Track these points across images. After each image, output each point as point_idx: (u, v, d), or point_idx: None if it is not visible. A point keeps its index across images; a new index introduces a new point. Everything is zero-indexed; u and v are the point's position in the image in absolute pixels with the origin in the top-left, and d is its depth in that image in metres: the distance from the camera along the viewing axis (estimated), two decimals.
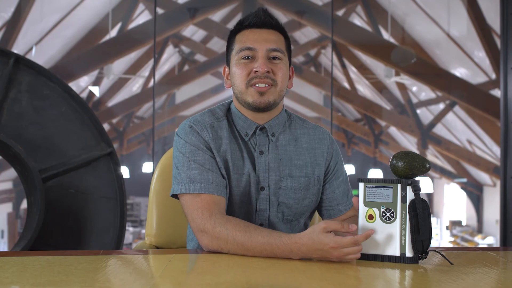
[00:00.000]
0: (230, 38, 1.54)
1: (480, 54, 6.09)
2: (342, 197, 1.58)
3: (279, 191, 1.50)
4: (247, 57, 1.48)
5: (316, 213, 1.72)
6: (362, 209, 1.27)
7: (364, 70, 7.99)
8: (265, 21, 1.49)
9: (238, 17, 7.49)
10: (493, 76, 6.05)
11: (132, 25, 6.67)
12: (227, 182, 1.47)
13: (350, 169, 8.82)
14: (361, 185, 1.28)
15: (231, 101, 1.57)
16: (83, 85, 7.56)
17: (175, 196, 1.47)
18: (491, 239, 9.34)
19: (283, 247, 1.27)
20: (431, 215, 1.30)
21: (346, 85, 8.30)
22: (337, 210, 1.58)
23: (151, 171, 7.03)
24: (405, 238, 1.24)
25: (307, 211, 1.57)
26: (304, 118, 1.63)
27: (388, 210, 1.25)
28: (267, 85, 1.46)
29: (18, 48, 5.77)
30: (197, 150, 1.45)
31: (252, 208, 1.49)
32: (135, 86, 8.78)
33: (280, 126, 1.53)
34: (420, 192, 1.26)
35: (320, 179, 1.55)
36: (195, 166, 1.44)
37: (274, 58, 1.48)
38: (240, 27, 1.51)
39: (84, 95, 7.49)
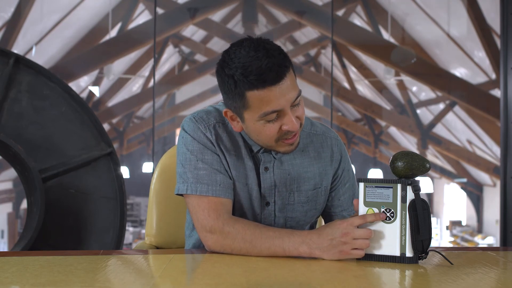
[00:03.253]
0: (234, 90, 1.30)
1: (480, 54, 6.10)
2: (347, 203, 1.54)
3: (287, 207, 1.46)
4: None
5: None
6: (362, 209, 1.27)
7: (364, 70, 8.00)
8: (281, 74, 1.28)
9: (238, 17, 7.51)
10: (493, 76, 6.05)
11: (132, 25, 6.68)
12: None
13: None
14: (361, 185, 1.28)
15: None
16: (83, 85, 7.56)
17: (180, 193, 1.42)
18: (491, 239, 9.35)
19: (295, 238, 1.26)
20: (431, 215, 1.30)
21: (346, 85, 8.30)
22: (341, 216, 1.53)
23: (151, 171, 7.03)
24: (405, 238, 1.24)
25: (312, 220, 1.54)
26: (314, 121, 1.55)
27: (388, 210, 1.25)
28: (295, 133, 1.36)
29: (18, 48, 5.77)
30: (205, 149, 1.40)
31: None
32: (135, 86, 8.79)
33: None
34: (420, 192, 1.26)
35: (327, 188, 1.51)
36: (203, 166, 1.38)
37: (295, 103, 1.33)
38: (251, 85, 1.27)
39: (84, 95, 7.49)
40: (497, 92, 5.94)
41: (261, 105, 1.29)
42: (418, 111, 7.78)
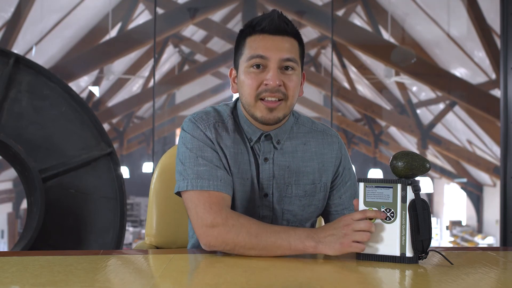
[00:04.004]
0: (240, 40, 1.43)
1: (480, 54, 6.10)
2: (348, 202, 1.55)
3: (284, 199, 1.46)
4: (258, 66, 1.38)
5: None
6: (362, 209, 1.27)
7: (364, 70, 8.00)
8: (280, 28, 1.38)
9: (238, 17, 7.51)
10: (493, 76, 6.05)
11: (132, 25, 6.68)
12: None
13: None
14: (361, 185, 1.28)
15: (237, 99, 1.50)
16: (83, 85, 7.56)
17: (179, 193, 1.41)
18: (491, 239, 9.35)
19: (301, 232, 1.26)
20: (431, 215, 1.30)
21: (346, 85, 8.31)
22: (342, 215, 1.51)
23: (151, 171, 7.03)
24: (405, 238, 1.24)
25: (313, 217, 1.54)
26: (314, 120, 1.57)
27: (388, 210, 1.25)
28: (277, 99, 1.37)
29: (18, 48, 5.77)
30: (205, 146, 1.40)
31: (255, 214, 1.45)
32: (135, 86, 8.79)
33: (286, 133, 1.47)
34: (420, 192, 1.26)
35: (327, 185, 1.52)
36: (203, 162, 1.38)
37: (287, 68, 1.38)
38: (252, 30, 1.40)
39: (84, 95, 7.49)
40: (497, 92, 5.94)
41: (251, 49, 1.39)
42: (418, 111, 7.78)
